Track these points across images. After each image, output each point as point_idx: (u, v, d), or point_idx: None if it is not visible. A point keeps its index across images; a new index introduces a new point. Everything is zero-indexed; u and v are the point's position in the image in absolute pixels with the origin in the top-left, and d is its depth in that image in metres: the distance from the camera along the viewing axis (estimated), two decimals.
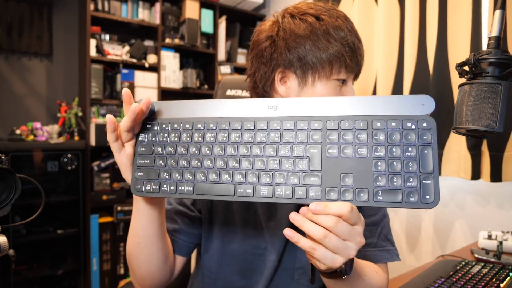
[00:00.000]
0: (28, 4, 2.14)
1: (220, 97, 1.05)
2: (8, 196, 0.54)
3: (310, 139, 0.45)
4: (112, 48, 2.18)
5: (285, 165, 0.45)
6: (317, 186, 0.43)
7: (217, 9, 2.45)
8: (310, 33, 0.62)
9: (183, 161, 0.48)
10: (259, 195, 0.45)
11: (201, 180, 0.47)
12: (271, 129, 0.47)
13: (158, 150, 0.50)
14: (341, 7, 1.72)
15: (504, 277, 0.74)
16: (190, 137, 0.49)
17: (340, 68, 0.62)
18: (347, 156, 0.43)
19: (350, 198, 0.42)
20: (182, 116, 0.52)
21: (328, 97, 0.47)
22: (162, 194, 0.48)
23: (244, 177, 0.46)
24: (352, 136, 0.44)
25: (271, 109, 0.48)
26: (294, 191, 0.44)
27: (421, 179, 0.41)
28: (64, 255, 2.03)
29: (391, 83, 1.49)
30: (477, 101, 0.54)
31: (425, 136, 0.42)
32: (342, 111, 0.46)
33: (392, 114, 0.44)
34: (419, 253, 1.51)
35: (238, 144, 0.47)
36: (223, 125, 0.49)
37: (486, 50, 0.54)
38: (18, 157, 1.86)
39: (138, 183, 0.49)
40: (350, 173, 0.43)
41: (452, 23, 1.28)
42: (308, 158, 0.44)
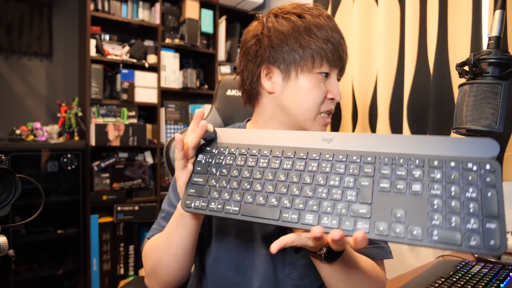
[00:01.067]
0: (28, 4, 2.14)
1: (220, 97, 1.05)
2: (8, 196, 0.54)
3: (361, 171, 0.45)
4: (112, 48, 2.18)
5: (334, 194, 0.44)
6: (365, 218, 0.41)
7: (217, 9, 2.45)
8: (292, 30, 0.66)
9: (234, 183, 0.50)
10: (304, 222, 0.44)
11: (248, 201, 0.48)
12: (323, 159, 0.47)
13: (212, 171, 0.52)
14: (341, 7, 1.72)
15: (504, 277, 0.74)
16: (244, 161, 0.51)
17: (321, 62, 0.66)
18: (400, 192, 0.42)
19: (402, 236, 0.39)
20: (239, 142, 0.54)
21: (383, 134, 0.47)
22: (209, 211, 0.49)
23: (291, 202, 0.46)
24: (406, 172, 0.42)
25: (325, 141, 0.49)
26: (341, 222, 0.42)
27: (484, 223, 0.37)
28: (64, 255, 2.03)
29: (391, 83, 1.49)
30: (477, 101, 0.54)
31: (488, 179, 0.39)
32: (397, 149, 0.45)
33: (451, 155, 0.42)
34: (419, 253, 1.51)
35: (289, 171, 0.48)
36: (277, 152, 0.51)
37: (486, 50, 0.54)
38: (18, 157, 1.86)
39: (188, 199, 0.51)
40: (403, 209, 0.40)
41: (452, 23, 1.28)
42: (358, 190, 0.43)
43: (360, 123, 1.62)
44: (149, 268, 0.65)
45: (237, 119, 1.02)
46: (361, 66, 1.60)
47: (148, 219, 2.14)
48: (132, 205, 2.11)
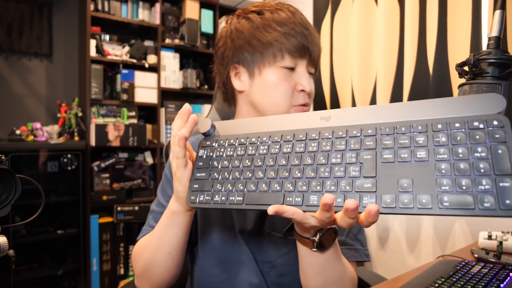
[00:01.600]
0: (28, 4, 2.14)
1: (220, 97, 1.05)
2: (8, 196, 0.54)
3: (363, 145, 0.43)
4: (112, 48, 2.18)
5: (336, 172, 0.43)
6: (371, 192, 0.40)
7: (217, 9, 2.45)
8: (252, 29, 0.68)
9: (236, 173, 0.49)
10: (309, 204, 0.43)
11: (251, 190, 0.47)
12: (323, 138, 0.46)
13: (214, 164, 0.52)
14: (341, 7, 1.72)
15: (504, 277, 0.74)
16: (244, 151, 0.51)
17: (283, 55, 0.66)
18: (404, 161, 0.40)
19: (410, 204, 0.37)
20: (239, 133, 0.54)
21: (381, 105, 0.46)
22: (214, 204, 0.49)
23: (294, 185, 0.45)
24: (410, 139, 0.41)
25: (324, 120, 0.48)
26: (345, 199, 0.40)
27: (496, 182, 0.34)
28: (64, 255, 2.03)
29: (391, 83, 1.49)
30: None
31: (497, 135, 0.37)
32: (397, 117, 0.43)
33: (454, 116, 0.40)
34: (419, 253, 1.51)
35: (289, 154, 0.47)
36: (276, 137, 0.50)
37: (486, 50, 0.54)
38: (18, 157, 1.86)
39: (193, 195, 0.51)
40: (409, 178, 0.38)
41: (452, 23, 1.28)
42: (361, 164, 0.42)
43: None
44: (140, 269, 0.65)
45: None
46: (361, 66, 1.60)
47: None
48: (132, 205, 2.11)
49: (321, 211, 0.40)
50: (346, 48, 1.70)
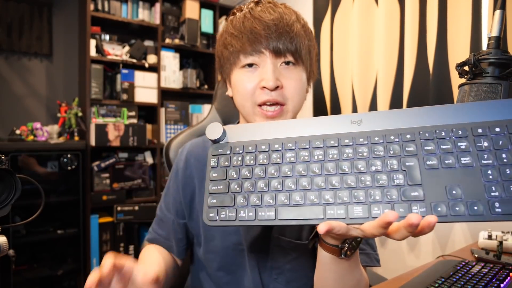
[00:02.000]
0: (28, 4, 2.14)
1: (220, 97, 1.04)
2: (8, 196, 0.54)
3: (403, 151, 0.41)
4: (112, 48, 2.18)
5: (380, 180, 0.40)
6: (420, 201, 0.38)
7: (217, 9, 2.45)
8: (220, 36, 0.69)
9: (261, 184, 0.44)
10: (353, 216, 0.39)
11: (284, 203, 0.42)
12: (358, 144, 0.43)
13: (232, 175, 0.46)
14: (341, 7, 1.72)
15: (504, 277, 0.74)
16: (268, 159, 0.45)
17: (239, 56, 0.64)
18: (449, 167, 0.38)
19: (463, 213, 0.36)
20: (255, 139, 0.48)
21: (416, 108, 0.43)
22: (240, 222, 0.43)
23: (334, 196, 0.41)
24: (452, 144, 0.39)
25: (355, 124, 0.45)
26: (393, 209, 0.38)
27: None
28: (64, 255, 2.03)
29: (391, 83, 1.49)
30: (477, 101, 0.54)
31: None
32: (434, 121, 0.41)
33: (492, 119, 0.40)
34: (419, 253, 1.51)
35: (322, 162, 0.43)
36: (303, 144, 0.45)
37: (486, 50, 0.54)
38: (18, 157, 1.86)
39: (211, 211, 0.45)
40: (457, 185, 0.37)
41: (452, 23, 1.28)
42: (404, 171, 0.40)
43: None
44: None
45: (237, 119, 1.02)
46: (361, 66, 1.60)
47: (148, 219, 2.14)
48: (132, 205, 2.11)
49: (377, 227, 0.37)
50: (346, 48, 1.70)
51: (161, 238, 0.73)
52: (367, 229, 0.39)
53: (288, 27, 0.63)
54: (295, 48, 0.63)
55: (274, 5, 0.66)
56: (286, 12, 0.65)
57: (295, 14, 0.67)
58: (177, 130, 2.34)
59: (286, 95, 0.63)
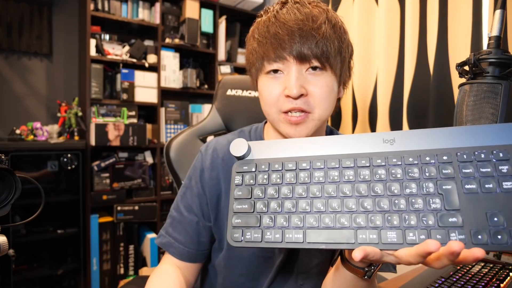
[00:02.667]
0: (28, 4, 2.13)
1: (220, 97, 1.05)
2: (8, 196, 0.54)
3: (440, 173, 0.38)
4: (112, 48, 2.18)
5: (415, 204, 0.38)
6: (459, 227, 0.36)
7: (217, 9, 2.45)
8: (248, 41, 0.67)
9: (289, 205, 0.42)
10: (386, 242, 0.37)
11: (312, 225, 0.40)
12: (391, 165, 0.40)
13: (257, 194, 0.44)
14: (341, 7, 1.72)
15: (504, 277, 0.74)
16: (295, 178, 0.43)
17: (263, 62, 0.62)
18: (490, 192, 0.36)
19: (505, 242, 0.34)
20: (282, 156, 0.46)
21: (453, 128, 0.41)
22: (266, 243, 0.41)
23: (366, 220, 0.39)
24: (492, 168, 0.37)
25: (387, 143, 0.42)
26: (430, 235, 0.36)
27: None
28: (64, 255, 2.03)
29: (391, 83, 1.49)
30: (477, 101, 0.54)
31: None
32: (472, 142, 0.39)
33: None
34: None
35: (353, 183, 0.41)
36: (333, 162, 0.43)
37: (486, 50, 0.54)
38: (18, 157, 1.86)
39: (236, 231, 0.43)
40: (499, 211, 0.35)
41: (452, 23, 1.28)
42: (441, 195, 0.38)
43: (360, 122, 1.62)
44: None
45: (237, 119, 1.02)
46: (361, 66, 1.60)
47: (148, 219, 2.14)
48: (132, 205, 2.11)
49: (416, 256, 0.35)
50: None
51: (176, 242, 0.69)
52: (404, 257, 0.37)
53: (314, 30, 0.58)
54: (321, 52, 0.59)
55: (301, 5, 0.61)
56: (315, 12, 0.60)
57: (325, 13, 0.61)
58: (177, 130, 2.34)
59: (312, 103, 0.60)
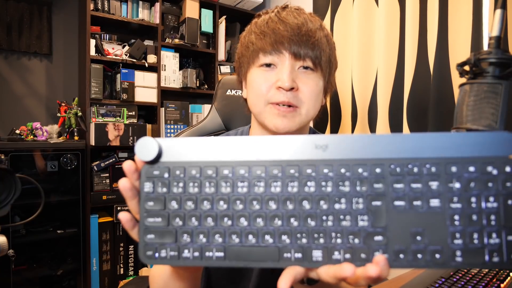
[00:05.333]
0: (28, 3, 2.13)
1: (220, 97, 1.04)
2: (8, 196, 0.54)
3: (371, 188, 0.37)
4: (112, 48, 2.18)
5: (343, 221, 0.36)
6: (382, 246, 0.35)
7: (217, 9, 2.45)
8: (243, 37, 0.70)
9: (209, 220, 0.38)
10: (311, 261, 0.36)
11: (235, 243, 0.37)
12: (321, 176, 0.38)
13: (173, 206, 0.38)
14: (341, 7, 1.72)
15: (504, 277, 0.74)
16: (216, 188, 0.38)
17: (258, 55, 0.65)
18: (416, 210, 0.36)
19: (423, 261, 0.35)
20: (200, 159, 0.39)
21: (389, 135, 0.39)
22: (184, 261, 0.37)
23: (291, 238, 0.37)
24: (423, 184, 0.36)
25: (319, 149, 0.39)
26: (354, 255, 0.36)
27: (505, 236, 0.34)
28: (64, 255, 2.03)
29: (391, 83, 1.49)
30: (477, 101, 0.54)
31: (509, 184, 0.35)
32: (407, 152, 0.38)
33: (468, 155, 0.37)
34: None
35: (280, 196, 0.38)
36: (258, 171, 0.38)
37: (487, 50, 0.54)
38: (18, 157, 1.86)
39: (149, 249, 0.38)
40: (422, 230, 0.35)
41: (452, 23, 1.28)
42: (370, 211, 0.37)
43: (359, 123, 1.62)
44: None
45: (237, 119, 1.02)
46: (361, 66, 1.60)
47: None
48: None
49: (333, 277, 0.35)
50: (346, 48, 1.70)
51: None
52: (323, 276, 0.36)
53: (312, 33, 0.63)
54: (315, 54, 0.63)
55: (300, 11, 0.67)
56: (311, 19, 0.65)
57: (319, 22, 0.67)
58: (177, 130, 2.34)
59: (301, 98, 0.63)
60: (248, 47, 0.67)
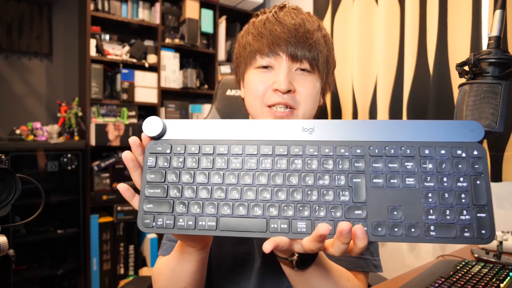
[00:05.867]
0: (28, 4, 2.14)
1: (220, 97, 1.05)
2: (8, 196, 0.54)
3: (352, 166, 0.40)
4: (112, 48, 2.18)
5: (326, 196, 0.40)
6: (362, 220, 0.39)
7: (217, 9, 2.45)
8: (240, 38, 0.69)
9: (204, 191, 0.41)
10: (296, 231, 0.39)
11: (227, 214, 0.40)
12: (307, 155, 0.41)
13: (172, 178, 0.42)
14: (341, 7, 1.72)
15: (504, 277, 0.74)
16: (212, 163, 0.42)
17: (255, 56, 0.65)
18: (394, 187, 0.39)
19: (400, 234, 0.38)
20: (200, 138, 0.44)
21: (369, 120, 0.43)
22: (178, 230, 0.41)
23: (278, 210, 0.40)
24: (399, 164, 0.40)
25: (306, 132, 0.43)
26: (336, 226, 0.38)
27: (475, 213, 0.37)
28: (64, 255, 2.03)
29: (391, 83, 1.49)
30: (477, 101, 0.54)
31: (477, 166, 0.39)
32: (385, 136, 0.42)
33: (439, 140, 0.41)
34: (419, 253, 1.51)
35: (270, 171, 0.41)
36: (251, 149, 0.42)
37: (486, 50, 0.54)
38: (18, 157, 1.86)
39: (147, 217, 0.42)
40: (399, 206, 0.39)
41: (452, 23, 1.28)
42: (351, 188, 0.40)
43: None
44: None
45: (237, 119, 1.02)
46: (361, 66, 1.60)
47: None
48: None
49: (313, 241, 0.37)
50: (346, 48, 1.70)
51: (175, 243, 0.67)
52: (305, 244, 0.38)
53: (309, 34, 0.62)
54: (312, 56, 0.62)
55: (298, 12, 0.66)
56: (309, 19, 0.65)
57: (317, 22, 0.66)
58: None
59: (298, 100, 0.63)
60: (246, 48, 0.66)
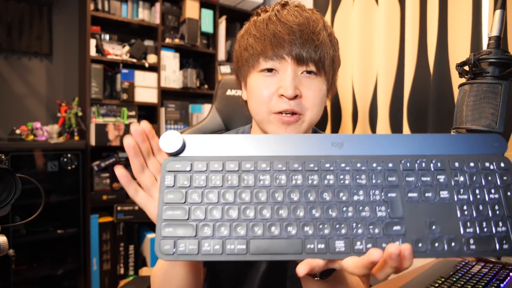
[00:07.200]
0: (28, 4, 2.13)
1: (220, 97, 1.05)
2: (8, 196, 0.54)
3: (386, 181, 0.39)
4: (112, 48, 2.18)
5: (362, 212, 0.38)
6: (401, 236, 0.37)
7: (217, 9, 2.45)
8: (241, 38, 0.66)
9: (231, 212, 0.38)
10: (334, 251, 0.36)
11: (257, 235, 0.37)
12: (339, 170, 0.40)
13: (194, 198, 0.38)
14: (341, 7, 1.72)
15: (504, 277, 0.74)
16: (238, 180, 0.39)
17: (258, 59, 0.61)
18: (428, 201, 0.38)
19: (441, 249, 0.36)
20: (222, 154, 0.41)
21: (398, 135, 0.42)
22: (203, 256, 0.36)
23: (314, 228, 0.37)
24: (432, 177, 0.39)
25: (336, 146, 0.42)
26: (376, 244, 0.36)
27: (510, 224, 0.37)
28: (64, 255, 2.03)
29: (391, 83, 1.49)
30: (477, 101, 0.54)
31: (505, 177, 0.39)
32: (414, 150, 0.41)
33: (467, 153, 0.41)
34: None
35: (301, 188, 0.39)
36: (279, 165, 0.40)
37: (486, 50, 0.54)
38: (18, 157, 1.86)
39: (166, 243, 0.37)
40: (435, 220, 0.38)
41: (452, 23, 1.28)
42: (387, 203, 0.38)
43: (360, 123, 1.62)
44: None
45: (237, 119, 1.02)
46: (361, 66, 1.60)
47: (148, 219, 2.13)
48: (132, 205, 2.11)
49: (361, 267, 0.35)
50: (346, 48, 1.70)
51: None
52: (350, 268, 0.36)
53: (314, 34, 0.59)
54: (318, 57, 0.60)
55: (301, 9, 0.63)
56: (313, 18, 0.61)
57: (322, 20, 0.63)
58: (177, 130, 2.34)
59: (305, 105, 0.60)
60: (247, 50, 0.63)
